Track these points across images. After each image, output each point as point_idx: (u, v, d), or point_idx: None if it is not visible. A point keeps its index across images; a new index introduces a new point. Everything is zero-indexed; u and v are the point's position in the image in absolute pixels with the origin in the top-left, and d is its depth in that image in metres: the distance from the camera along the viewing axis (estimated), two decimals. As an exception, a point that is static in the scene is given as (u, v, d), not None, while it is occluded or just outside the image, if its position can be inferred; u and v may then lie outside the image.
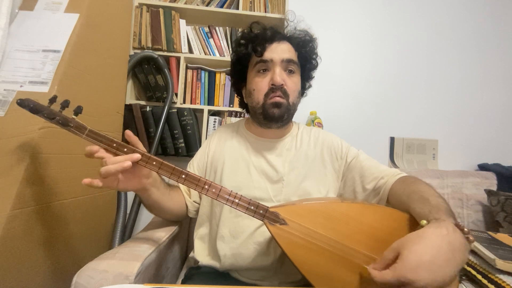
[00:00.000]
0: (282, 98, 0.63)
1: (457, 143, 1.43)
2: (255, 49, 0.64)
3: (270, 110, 0.63)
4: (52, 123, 0.49)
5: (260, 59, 0.64)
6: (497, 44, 1.47)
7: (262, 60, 0.64)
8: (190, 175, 0.52)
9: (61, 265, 0.74)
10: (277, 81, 0.62)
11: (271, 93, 0.63)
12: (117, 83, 1.03)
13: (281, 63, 0.64)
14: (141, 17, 1.22)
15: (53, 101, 0.50)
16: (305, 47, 0.69)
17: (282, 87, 0.63)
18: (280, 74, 0.63)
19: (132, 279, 0.48)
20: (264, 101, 0.64)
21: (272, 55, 0.64)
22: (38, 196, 0.65)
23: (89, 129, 0.50)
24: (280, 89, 0.63)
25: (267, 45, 0.65)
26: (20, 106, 0.49)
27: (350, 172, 0.68)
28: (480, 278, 0.64)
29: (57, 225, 0.72)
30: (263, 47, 0.64)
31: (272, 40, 0.65)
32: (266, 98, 0.64)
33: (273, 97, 0.63)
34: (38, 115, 0.49)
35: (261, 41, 0.65)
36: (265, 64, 0.64)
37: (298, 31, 0.70)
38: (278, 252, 0.60)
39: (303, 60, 0.69)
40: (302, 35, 0.70)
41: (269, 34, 0.66)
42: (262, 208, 0.51)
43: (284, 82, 0.63)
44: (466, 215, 1.11)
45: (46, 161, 0.67)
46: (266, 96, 0.63)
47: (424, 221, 0.44)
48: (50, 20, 0.76)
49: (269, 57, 0.64)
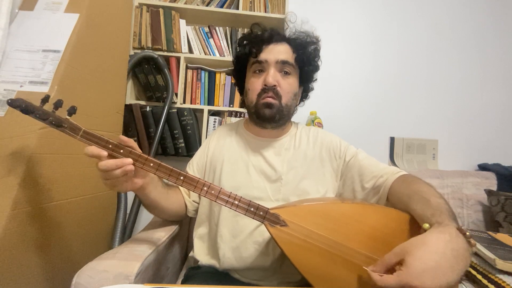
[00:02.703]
0: (273, 99, 0.63)
1: (457, 143, 1.43)
2: (251, 50, 0.66)
3: (261, 110, 0.64)
4: (45, 124, 0.47)
5: (256, 59, 0.65)
6: (497, 44, 1.47)
7: (257, 60, 0.65)
8: (188, 177, 0.51)
9: (61, 265, 0.74)
10: (269, 81, 0.62)
11: (263, 93, 0.64)
12: (117, 83, 1.03)
13: (275, 64, 0.64)
14: (141, 17, 1.22)
15: (46, 101, 0.47)
16: (303, 49, 0.69)
17: (275, 88, 0.63)
18: (273, 75, 0.63)
19: (132, 279, 0.48)
20: (257, 101, 0.65)
21: (267, 56, 0.64)
22: (38, 196, 0.65)
23: (84, 130, 0.48)
24: (272, 90, 0.63)
25: (264, 46, 0.66)
26: (11, 106, 0.46)
27: (349, 171, 0.68)
28: (480, 278, 0.64)
29: (57, 225, 0.72)
30: (259, 48, 0.65)
31: (270, 42, 0.66)
32: (258, 98, 0.64)
33: (265, 98, 0.63)
34: (30, 115, 0.47)
35: (258, 42, 0.66)
36: (260, 65, 0.65)
37: (300, 32, 0.70)
38: (277, 252, 0.60)
39: (301, 62, 0.68)
40: (303, 36, 0.70)
41: (267, 35, 0.66)
42: (262, 209, 0.51)
43: (278, 83, 0.63)
44: (466, 215, 1.11)
45: (46, 161, 0.67)
46: (259, 96, 0.64)
47: (427, 224, 0.44)
48: (50, 20, 0.76)
49: (264, 58, 0.64)
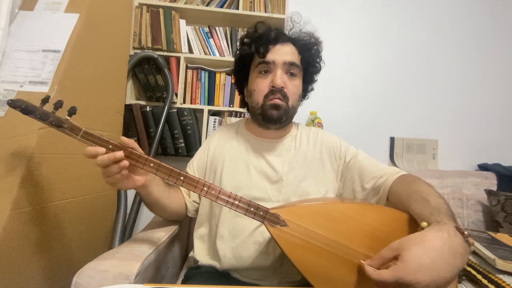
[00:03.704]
0: (281, 101, 0.63)
1: (457, 143, 1.43)
2: (258, 49, 0.64)
3: (269, 112, 0.63)
4: (45, 124, 0.48)
5: (262, 60, 0.64)
6: (497, 44, 1.47)
7: (264, 61, 0.64)
8: (188, 177, 0.51)
9: (61, 265, 0.74)
10: (278, 83, 0.62)
11: (271, 95, 0.63)
12: (117, 83, 1.03)
13: (283, 65, 0.63)
14: (141, 17, 1.22)
15: (46, 102, 0.48)
16: (309, 51, 0.69)
17: (282, 89, 0.63)
18: (281, 76, 0.63)
19: (132, 279, 0.48)
20: (264, 102, 0.64)
21: (274, 56, 0.63)
22: (38, 196, 0.65)
23: (84, 130, 0.49)
24: (280, 92, 0.63)
25: (270, 47, 0.64)
26: (11, 107, 0.47)
27: (349, 171, 0.67)
28: (480, 278, 0.64)
29: (57, 225, 0.72)
30: (266, 48, 0.64)
31: (276, 42, 0.65)
32: (265, 100, 0.64)
33: (272, 99, 0.63)
34: (30, 116, 0.47)
35: (265, 42, 0.64)
36: (267, 66, 0.64)
37: (303, 33, 0.70)
38: (278, 251, 0.60)
39: (306, 63, 0.69)
40: (307, 37, 0.69)
41: (273, 35, 0.65)
42: (262, 209, 0.51)
43: (285, 85, 0.63)
44: (466, 215, 1.11)
45: (46, 161, 0.67)
46: (266, 98, 0.63)
47: (425, 223, 0.44)
48: (50, 20, 0.76)
49: (271, 58, 0.63)
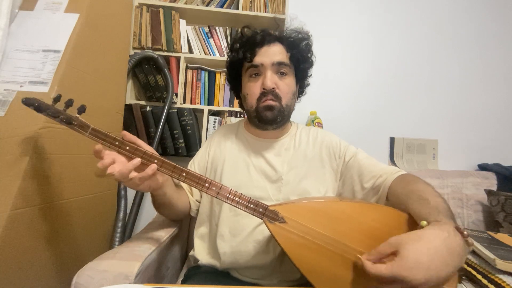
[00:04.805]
0: (274, 101, 0.63)
1: (457, 143, 1.42)
2: (245, 55, 0.65)
3: (263, 113, 0.64)
4: (56, 121, 0.51)
5: (251, 64, 0.65)
6: (497, 44, 1.47)
7: (252, 65, 0.65)
8: (191, 173, 0.52)
9: (61, 265, 0.74)
10: (268, 85, 0.63)
11: (263, 97, 0.64)
12: (117, 83, 1.03)
13: (272, 66, 0.64)
14: (141, 17, 1.22)
15: (57, 100, 0.51)
16: (297, 47, 0.68)
17: (274, 90, 0.63)
18: (271, 77, 0.63)
19: (132, 279, 0.48)
20: (257, 105, 0.65)
21: (262, 59, 0.64)
22: (38, 196, 0.65)
23: (92, 128, 0.51)
24: (272, 93, 0.63)
25: (257, 49, 0.65)
26: (25, 104, 0.50)
27: (349, 171, 0.68)
28: (480, 278, 0.64)
29: (57, 225, 0.72)
30: (253, 52, 0.65)
31: (262, 44, 0.65)
32: (258, 102, 0.64)
33: (265, 101, 0.64)
34: (42, 113, 0.50)
35: (251, 45, 0.65)
36: (256, 69, 0.65)
37: (290, 30, 0.70)
38: (278, 250, 0.60)
39: (296, 60, 0.68)
40: (295, 34, 0.69)
41: (259, 37, 0.65)
42: (262, 206, 0.51)
43: (276, 85, 0.64)
44: (466, 215, 1.10)
45: (46, 161, 0.67)
46: (259, 100, 0.64)
47: (424, 222, 0.44)
48: (50, 20, 0.76)
49: (259, 61, 0.64)
